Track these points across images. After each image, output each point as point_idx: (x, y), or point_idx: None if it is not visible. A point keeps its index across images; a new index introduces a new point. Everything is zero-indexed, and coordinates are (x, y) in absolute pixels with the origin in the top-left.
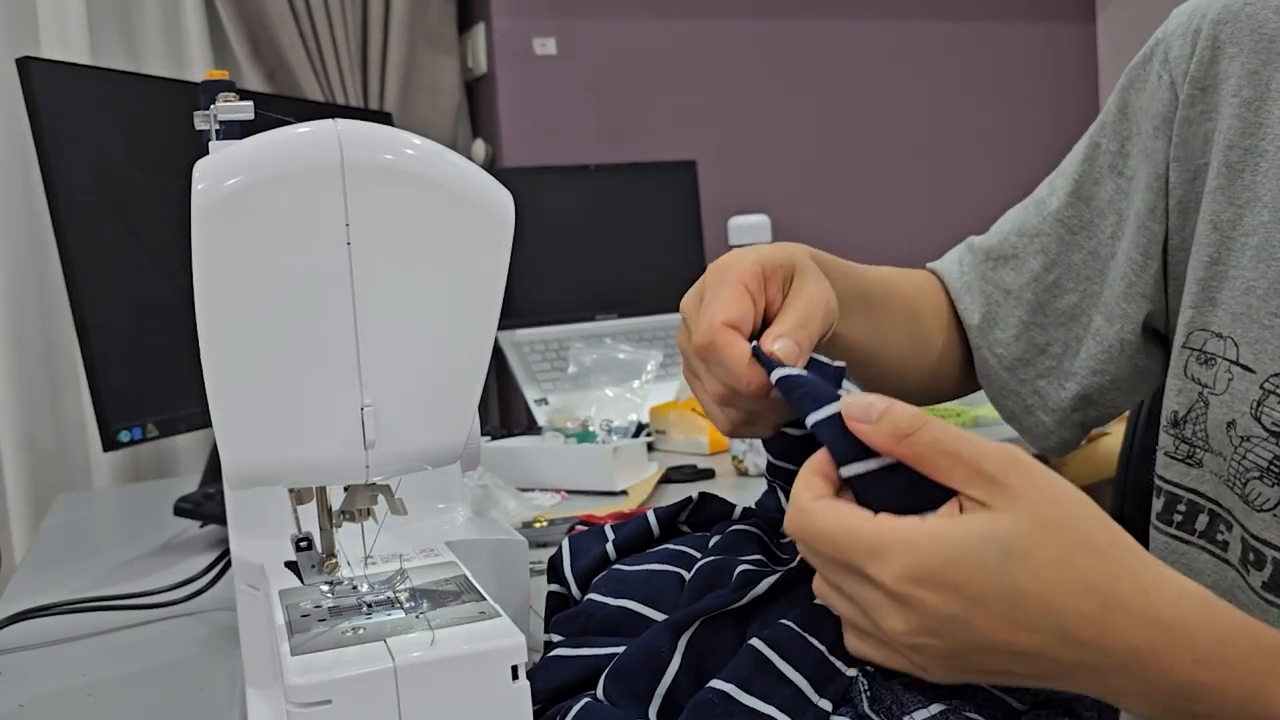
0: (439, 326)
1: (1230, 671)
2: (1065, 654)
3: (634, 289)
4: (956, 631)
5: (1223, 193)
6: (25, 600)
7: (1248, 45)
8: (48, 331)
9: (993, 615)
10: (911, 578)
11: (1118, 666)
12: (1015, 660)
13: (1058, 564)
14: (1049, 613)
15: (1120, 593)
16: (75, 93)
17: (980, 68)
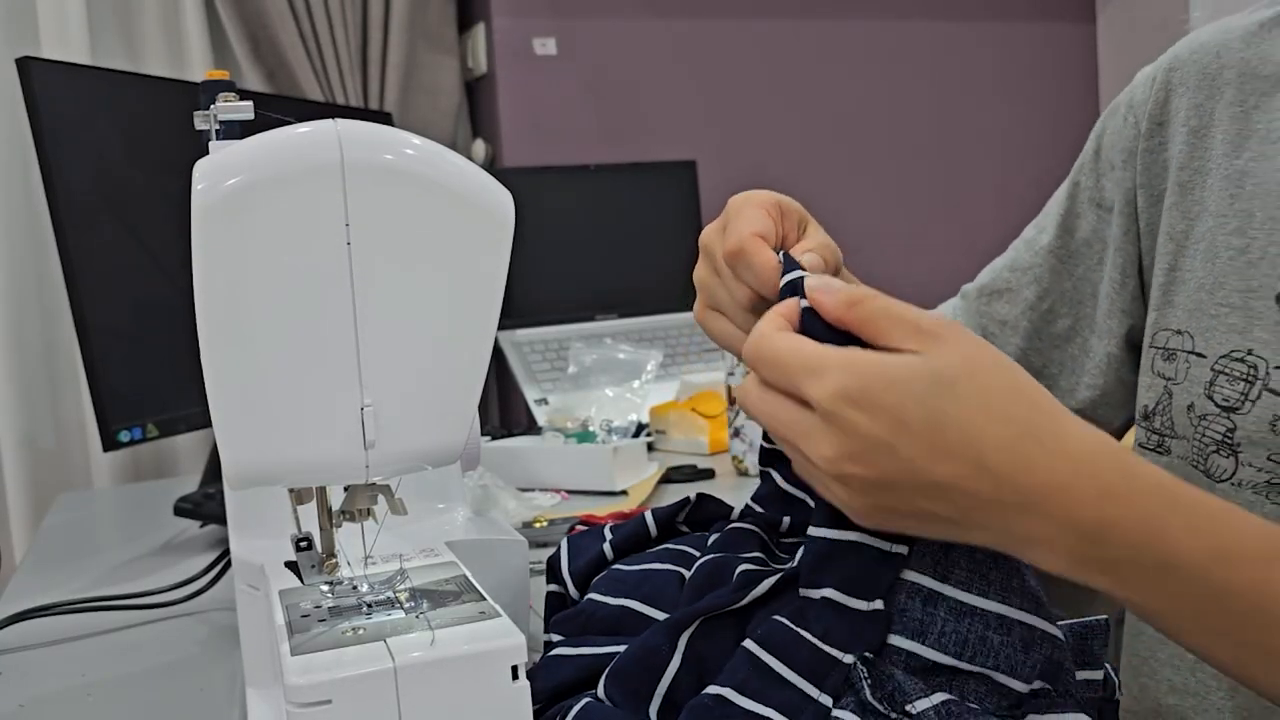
0: (439, 326)
1: (1133, 507)
2: (980, 486)
3: (634, 289)
4: (880, 457)
5: (1176, 208)
6: (25, 600)
7: (1193, 84)
8: (48, 331)
9: (915, 440)
10: (844, 395)
11: (1028, 505)
12: (933, 496)
13: (981, 396)
14: (968, 441)
15: (1036, 425)
16: (75, 93)
17: (980, 68)
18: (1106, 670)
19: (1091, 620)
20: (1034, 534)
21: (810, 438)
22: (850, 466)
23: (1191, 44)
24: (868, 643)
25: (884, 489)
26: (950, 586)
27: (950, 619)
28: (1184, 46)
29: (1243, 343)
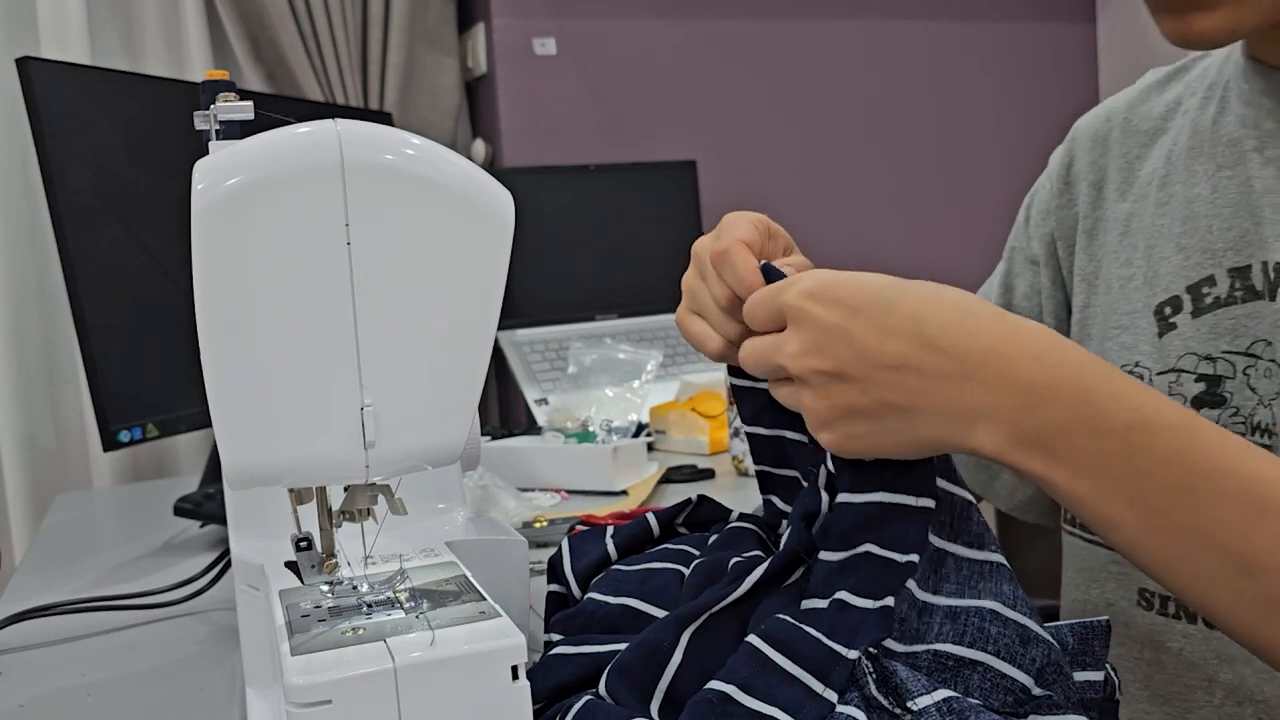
0: (439, 326)
1: (1063, 368)
2: (925, 359)
3: (634, 289)
4: (836, 344)
5: (1085, 252)
6: (25, 600)
7: (1088, 145)
8: (48, 331)
9: (866, 321)
10: (807, 294)
11: (968, 373)
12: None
13: (933, 290)
14: (914, 319)
15: (979, 307)
16: (75, 93)
17: (980, 68)
18: (1107, 671)
19: (1092, 621)
20: (975, 406)
21: (780, 344)
22: (811, 360)
23: (1088, 115)
24: (872, 639)
25: (842, 381)
26: (942, 597)
27: (946, 621)
28: (1083, 119)
29: (1130, 357)
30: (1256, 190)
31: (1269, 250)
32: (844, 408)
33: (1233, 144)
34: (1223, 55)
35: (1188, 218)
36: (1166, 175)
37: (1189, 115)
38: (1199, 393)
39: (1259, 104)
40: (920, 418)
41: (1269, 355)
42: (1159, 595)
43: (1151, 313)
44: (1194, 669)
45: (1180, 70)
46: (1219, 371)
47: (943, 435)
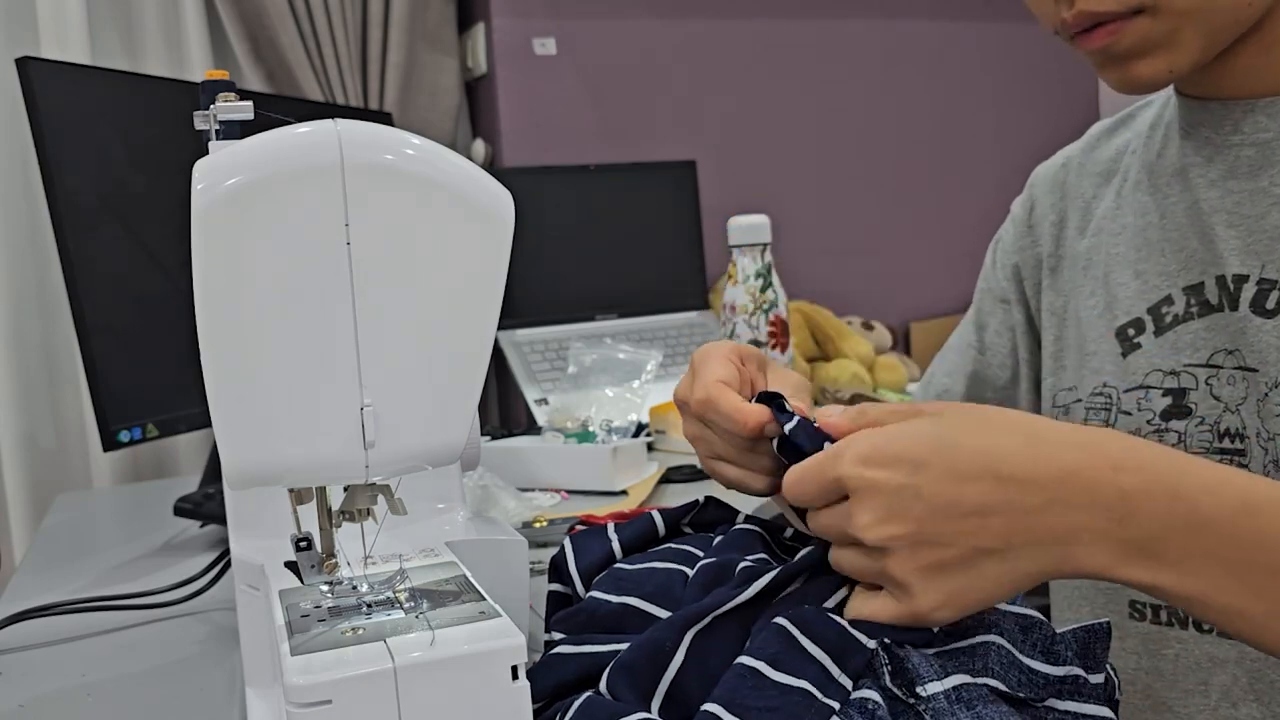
0: (439, 326)
1: (1145, 473)
2: (1007, 497)
3: (634, 289)
4: (909, 503)
5: (1051, 289)
6: (25, 600)
7: (1048, 189)
8: (48, 331)
9: (934, 472)
10: (861, 460)
11: (1054, 500)
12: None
13: (981, 421)
14: (982, 458)
15: (1038, 429)
16: (75, 93)
17: (980, 68)
18: (1108, 672)
19: (1093, 623)
20: (1069, 529)
21: (850, 517)
22: (888, 528)
23: (1046, 164)
24: (890, 633)
25: (925, 542)
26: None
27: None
28: (1041, 167)
29: (1099, 379)
30: (1205, 210)
31: (1224, 264)
32: (935, 566)
33: (1178, 173)
34: (1163, 99)
35: (1141, 245)
36: (1119, 208)
37: (1136, 155)
38: (1166, 406)
39: (1196, 134)
40: (1017, 555)
41: (1231, 363)
42: (1150, 605)
43: (1114, 335)
44: (1189, 674)
45: (1126, 118)
46: (1182, 384)
47: (1044, 566)
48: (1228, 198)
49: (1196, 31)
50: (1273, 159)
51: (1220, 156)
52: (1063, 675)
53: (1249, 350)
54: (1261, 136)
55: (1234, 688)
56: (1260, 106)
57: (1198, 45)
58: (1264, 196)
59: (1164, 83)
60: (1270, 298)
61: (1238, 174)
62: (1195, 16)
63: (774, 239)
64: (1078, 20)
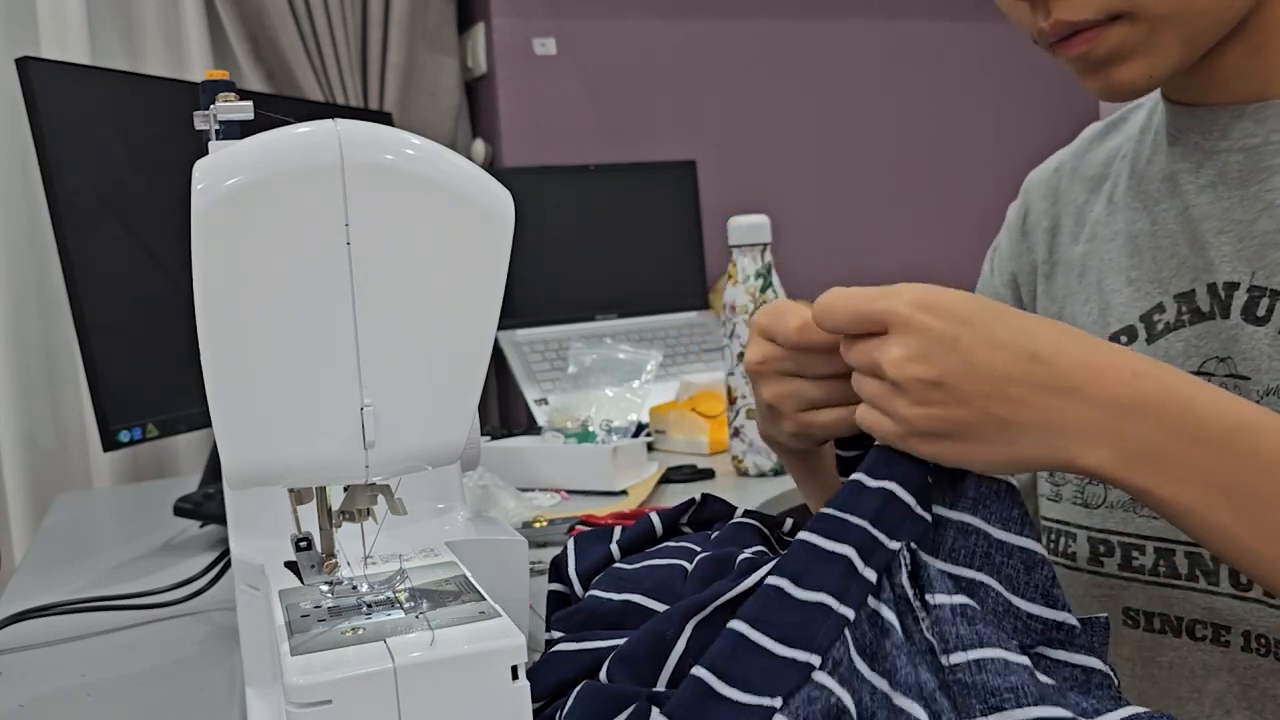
0: (439, 326)
1: (1162, 382)
2: (1031, 372)
3: (634, 289)
4: (942, 353)
5: (1046, 295)
6: (25, 600)
7: (1041, 194)
8: (48, 331)
9: (975, 332)
10: (916, 303)
11: (1072, 388)
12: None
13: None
14: (1022, 334)
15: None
16: (75, 93)
17: (980, 68)
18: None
19: (1092, 617)
20: (1079, 421)
21: (883, 349)
22: (914, 367)
23: (1039, 169)
24: (911, 534)
25: (942, 390)
26: (956, 511)
27: (959, 537)
28: (1034, 172)
29: None
30: (1195, 217)
31: (1215, 272)
32: (939, 418)
33: (1168, 179)
34: (1153, 103)
35: (1133, 251)
36: (1110, 215)
37: (1127, 160)
38: None
39: (1185, 139)
40: (1022, 431)
41: (1223, 371)
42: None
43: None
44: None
45: (1119, 121)
46: None
47: (1044, 451)
48: (1217, 204)
49: (1175, 35)
50: (1261, 165)
51: (1209, 163)
52: (1059, 621)
53: (1240, 358)
54: (1249, 142)
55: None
56: (1248, 112)
57: (1177, 49)
58: (1254, 203)
59: (1145, 88)
60: (1261, 305)
61: (1227, 180)
62: (1173, 20)
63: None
64: (1055, 29)
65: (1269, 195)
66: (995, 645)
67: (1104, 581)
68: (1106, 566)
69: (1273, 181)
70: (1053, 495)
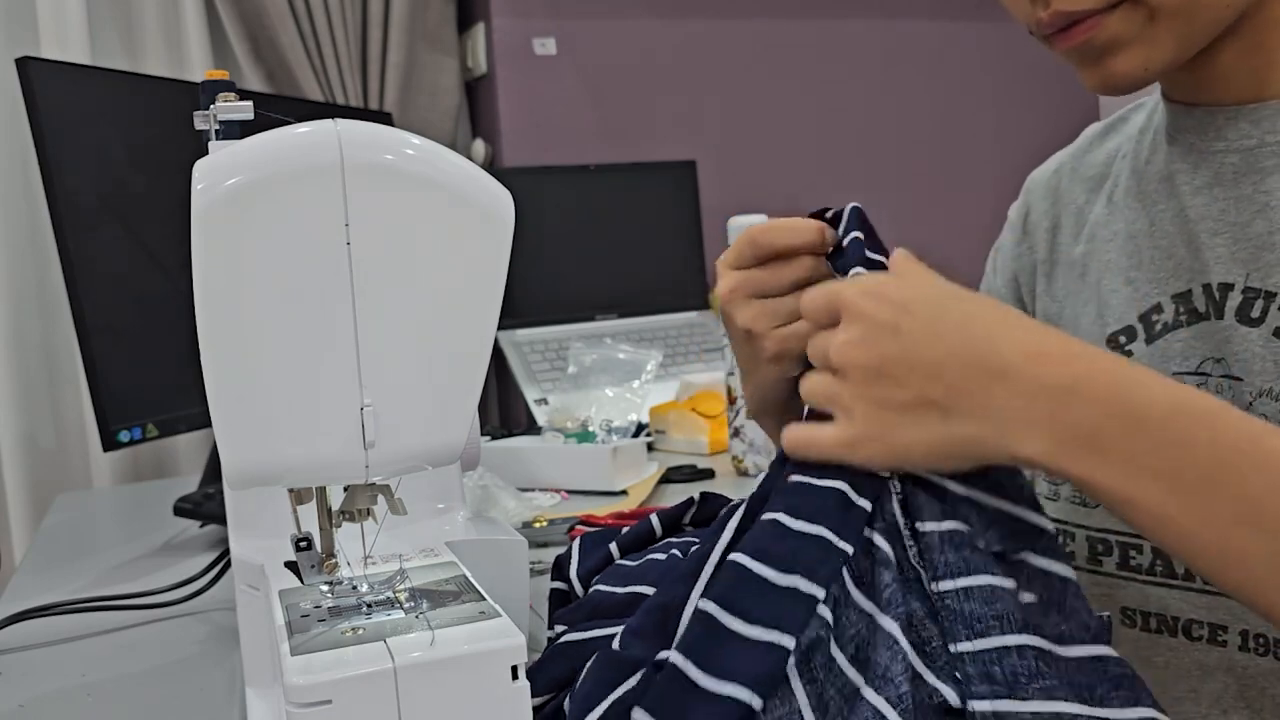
0: (439, 326)
1: (1097, 364)
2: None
3: (634, 289)
4: (882, 339)
5: (1046, 294)
6: (25, 600)
7: (1041, 194)
8: (48, 331)
9: (916, 321)
10: (863, 291)
11: (1007, 372)
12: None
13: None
14: (962, 323)
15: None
16: (75, 93)
17: (980, 68)
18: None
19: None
20: (1014, 407)
21: (831, 334)
22: (855, 351)
23: (1040, 169)
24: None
25: (880, 376)
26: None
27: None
28: (1036, 172)
29: None
30: (1191, 218)
31: (1209, 273)
32: (883, 402)
33: (1165, 179)
34: (1153, 103)
35: (1132, 252)
36: (1110, 215)
37: (1127, 160)
38: None
39: (1182, 140)
40: (957, 419)
41: (1219, 372)
42: (1140, 612)
43: (1105, 342)
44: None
45: (1119, 121)
46: None
47: (981, 438)
48: (1213, 205)
49: (1172, 27)
50: (1256, 166)
51: (1205, 163)
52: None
53: (1234, 359)
54: (1245, 143)
55: (1224, 695)
56: (1244, 113)
57: (1173, 42)
58: (1248, 204)
59: (1141, 80)
60: (1255, 306)
61: (1223, 181)
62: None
63: None
64: (1054, 19)
65: (1263, 197)
66: (983, 572)
67: (1102, 581)
68: (1105, 566)
69: (1268, 183)
70: (1050, 495)
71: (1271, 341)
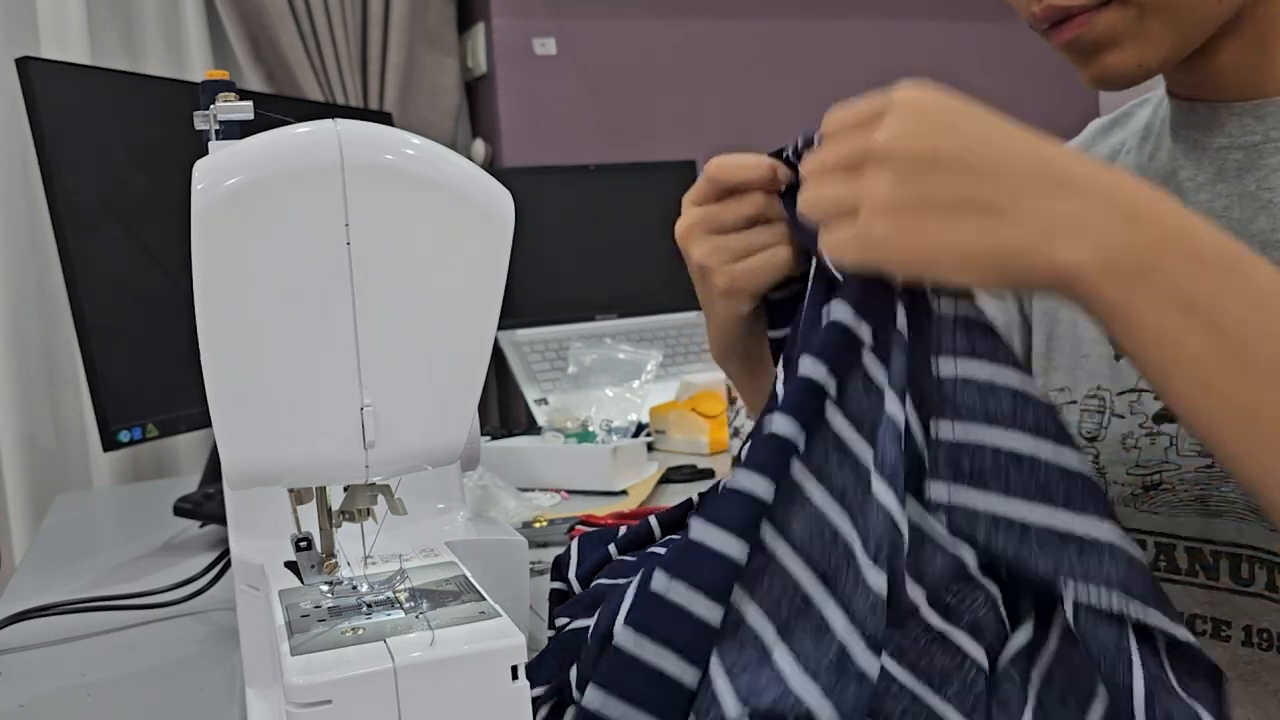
0: (439, 326)
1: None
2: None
3: (634, 289)
4: (940, 132)
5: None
6: (25, 600)
7: None
8: (48, 331)
9: (977, 122)
10: (919, 85)
11: (1072, 183)
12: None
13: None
14: (1022, 135)
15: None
16: (75, 93)
17: (980, 68)
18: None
19: None
20: (1070, 215)
21: (874, 127)
22: (908, 140)
23: None
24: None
25: (931, 169)
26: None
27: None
28: None
29: (1093, 381)
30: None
31: None
32: (919, 197)
33: (1168, 175)
34: (1157, 99)
35: None
36: None
37: (1130, 156)
38: (1159, 409)
39: (1186, 136)
40: (1005, 220)
41: None
42: None
43: (1107, 338)
44: None
45: (1123, 117)
46: None
47: (1024, 244)
48: (1216, 201)
49: (1165, 23)
50: (1259, 162)
51: (1209, 160)
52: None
53: None
54: (1249, 140)
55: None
56: (1248, 109)
57: (1167, 38)
58: (1251, 200)
59: (1137, 76)
60: None
61: (1225, 177)
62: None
63: None
64: (1046, 13)
65: (1266, 194)
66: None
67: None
68: None
69: (1271, 180)
70: None
71: None
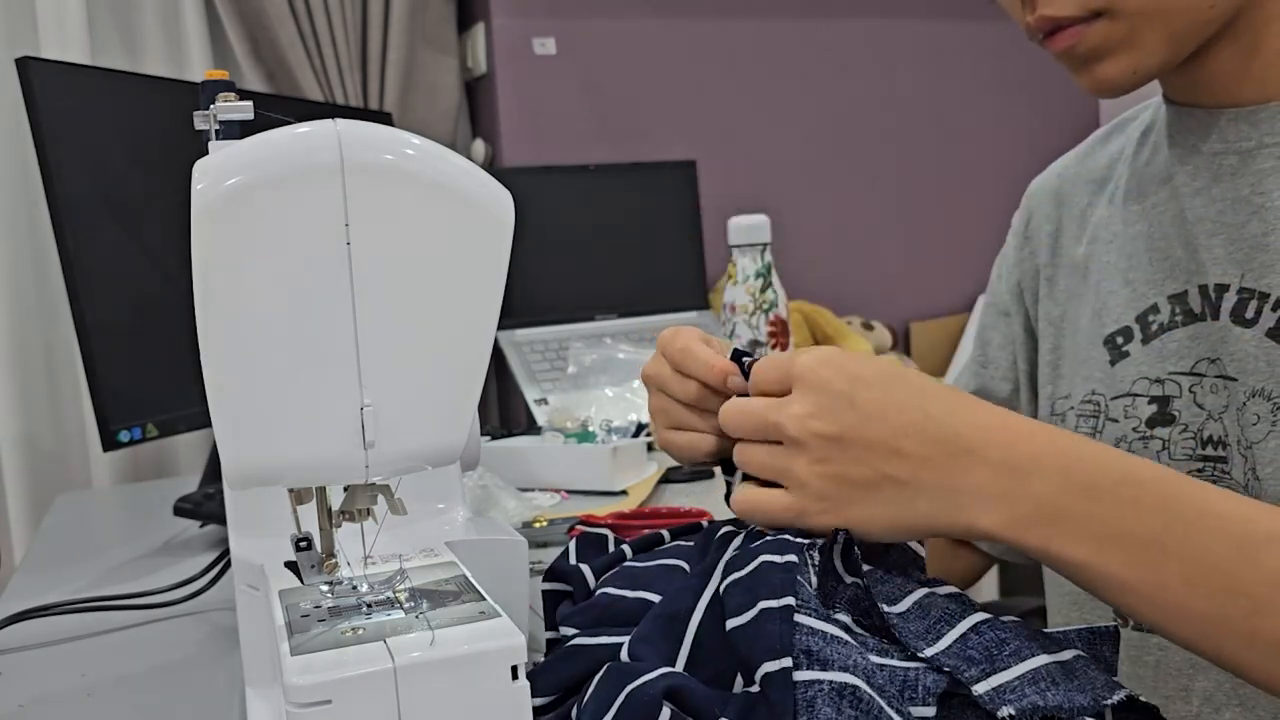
0: (439, 326)
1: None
2: (926, 437)
3: (634, 289)
4: (840, 409)
5: (1049, 298)
6: (25, 600)
7: (1042, 200)
8: (48, 331)
9: (872, 391)
10: (820, 359)
11: (969, 449)
12: (885, 451)
13: (925, 376)
14: (917, 396)
15: (971, 399)
16: (75, 93)
17: (980, 68)
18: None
19: (1101, 627)
20: (974, 483)
21: (784, 405)
22: (815, 422)
23: (1042, 176)
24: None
25: (842, 448)
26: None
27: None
28: (1037, 180)
29: (1088, 386)
30: (1189, 219)
31: (1206, 274)
32: (839, 477)
33: (1165, 181)
34: (1155, 105)
35: (1131, 253)
36: (1110, 217)
37: (1128, 162)
38: (1151, 414)
39: (1183, 141)
40: (917, 493)
41: (1214, 372)
42: None
43: (1102, 343)
44: (1171, 679)
45: (1122, 123)
46: (1167, 392)
47: (939, 513)
48: (1211, 206)
49: (1156, 33)
50: (1254, 167)
51: (1204, 165)
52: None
53: (1229, 359)
54: (1243, 145)
55: (1216, 693)
56: (1243, 115)
57: (1160, 47)
58: (1245, 205)
59: (1132, 84)
60: (1249, 307)
61: (1220, 182)
62: (1153, 17)
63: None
64: (1039, 24)
65: (1260, 198)
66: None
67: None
68: None
69: (1265, 184)
70: None
71: (1265, 342)
